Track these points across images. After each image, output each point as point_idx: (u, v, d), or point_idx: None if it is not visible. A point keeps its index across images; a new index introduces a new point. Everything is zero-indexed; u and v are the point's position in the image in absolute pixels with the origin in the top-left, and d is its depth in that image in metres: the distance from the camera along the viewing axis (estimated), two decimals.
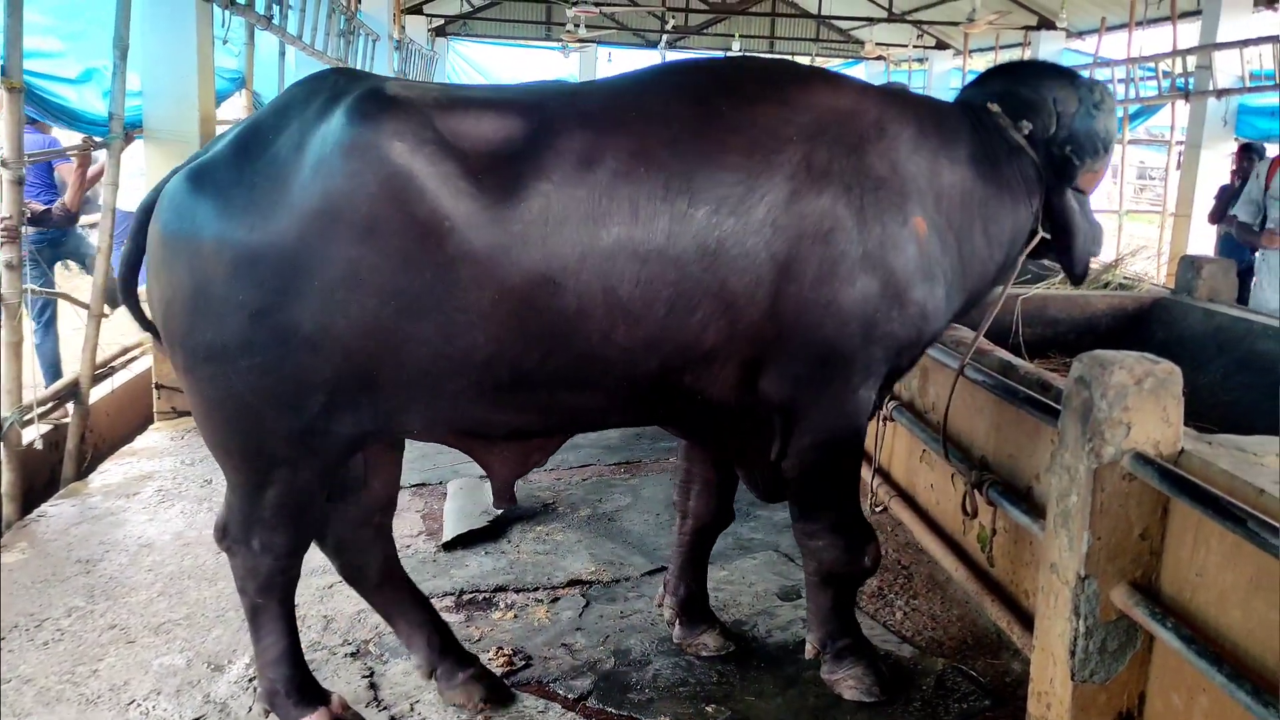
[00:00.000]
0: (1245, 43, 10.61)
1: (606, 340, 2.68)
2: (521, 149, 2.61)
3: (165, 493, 4.99)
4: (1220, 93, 11.02)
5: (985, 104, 3.23)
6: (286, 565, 2.92)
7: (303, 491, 2.81)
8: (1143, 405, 2.58)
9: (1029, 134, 3.18)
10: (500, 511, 4.67)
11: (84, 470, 5.28)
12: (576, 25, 17.20)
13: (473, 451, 3.07)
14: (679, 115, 2.78)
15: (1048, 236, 3.31)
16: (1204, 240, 10.54)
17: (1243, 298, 6.64)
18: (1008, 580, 3.81)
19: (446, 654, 3.22)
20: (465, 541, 4.43)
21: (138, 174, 7.21)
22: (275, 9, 7.78)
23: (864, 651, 3.36)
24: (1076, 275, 3.47)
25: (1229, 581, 2.39)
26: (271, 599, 2.95)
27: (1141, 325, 5.07)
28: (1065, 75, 3.31)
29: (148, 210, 2.72)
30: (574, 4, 15.75)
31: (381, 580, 3.19)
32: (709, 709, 3.25)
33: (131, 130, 5.92)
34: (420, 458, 5.49)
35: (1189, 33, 12.14)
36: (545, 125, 2.66)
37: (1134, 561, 2.65)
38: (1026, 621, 3.41)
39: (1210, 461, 2.48)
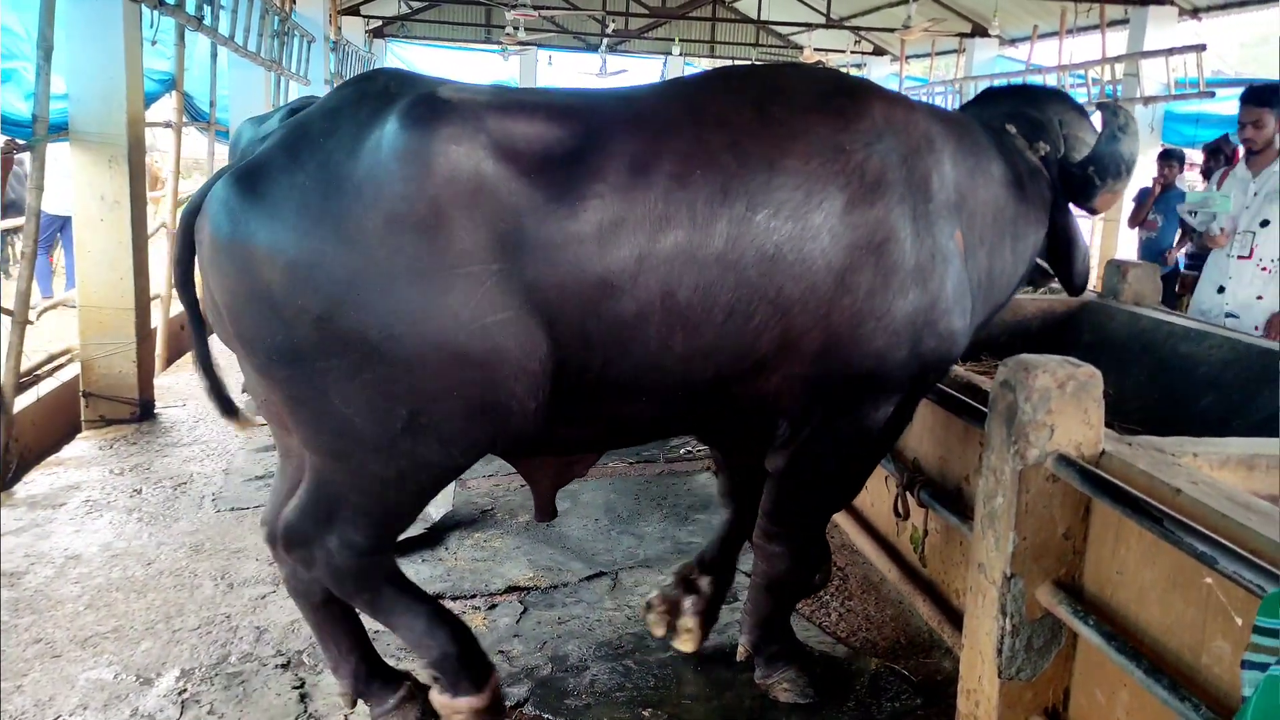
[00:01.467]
0: (1171, 51, 10.89)
1: (665, 348, 2.64)
2: (575, 152, 2.57)
3: (93, 503, 4.89)
4: (1147, 100, 11.30)
5: (1004, 125, 3.29)
6: (372, 562, 2.80)
7: (398, 509, 2.74)
8: (1065, 408, 2.64)
9: (1042, 156, 3.27)
10: (437, 519, 4.64)
11: (8, 480, 5.15)
12: (516, 28, 17.15)
13: (518, 464, 3.04)
14: (735, 120, 2.76)
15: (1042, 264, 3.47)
16: (1133, 244, 10.77)
17: (1168, 301, 6.78)
18: (939, 580, 3.87)
19: (374, 678, 3.09)
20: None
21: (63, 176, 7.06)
22: (206, 9, 7.64)
23: (797, 654, 3.40)
24: (1076, 287, 3.57)
25: (1148, 579, 2.44)
26: (384, 587, 2.85)
27: (1070, 328, 5.17)
28: (1067, 100, 3.42)
29: (192, 213, 2.63)
30: (513, 7, 15.70)
31: (328, 599, 3.03)
32: (646, 713, 3.26)
33: (57, 132, 5.80)
34: None
35: (1117, 41, 12.44)
36: (598, 128, 2.62)
37: (1058, 560, 2.71)
38: (957, 620, 3.46)
39: (1130, 462, 2.54)
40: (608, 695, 3.36)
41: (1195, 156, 10.82)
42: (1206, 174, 9.05)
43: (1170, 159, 9.36)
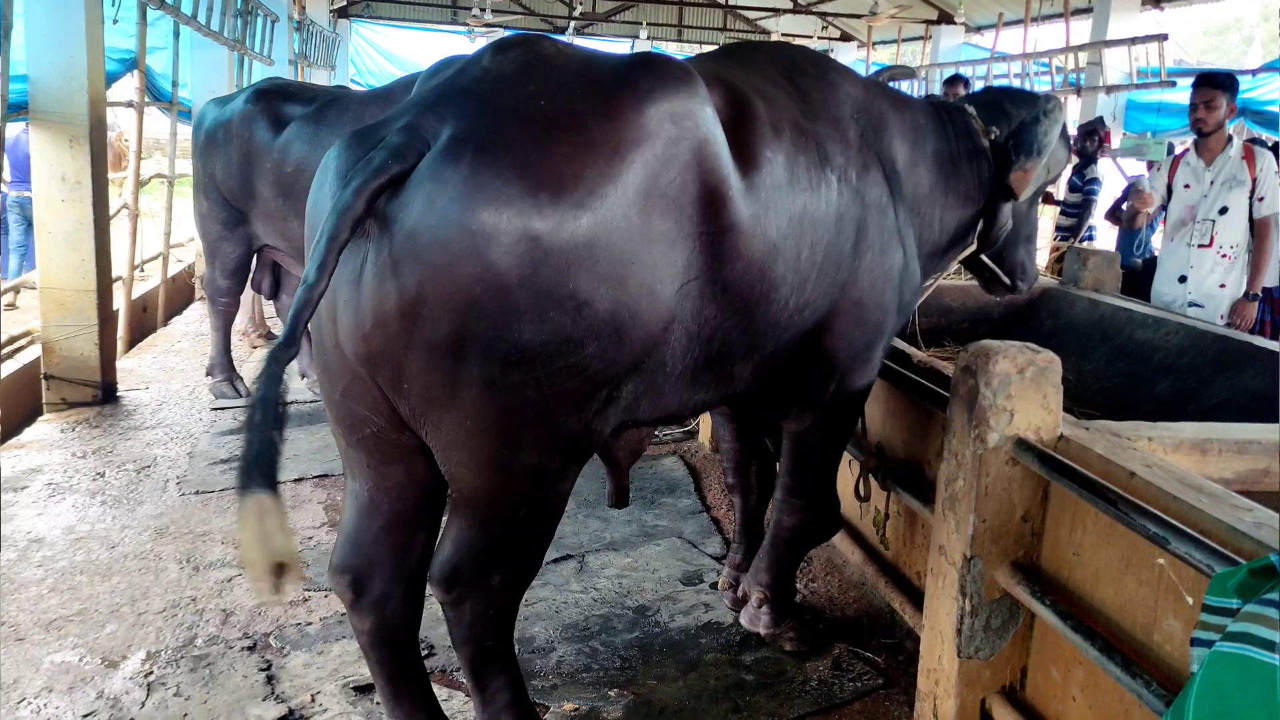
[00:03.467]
0: (1133, 40, 11.01)
1: (785, 305, 2.72)
2: (739, 116, 2.60)
3: (55, 486, 4.85)
4: (1110, 89, 11.43)
5: (962, 105, 3.49)
6: (518, 599, 2.65)
7: (557, 507, 2.58)
8: (1024, 393, 2.69)
9: (993, 139, 3.44)
10: None
11: None
12: (482, 10, 17.05)
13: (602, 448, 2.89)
14: (789, 91, 2.88)
15: (980, 252, 3.67)
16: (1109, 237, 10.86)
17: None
18: (901, 562, 3.92)
19: None
20: None
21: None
22: None
23: (795, 608, 3.62)
24: (1003, 283, 3.83)
25: (1103, 560, 2.50)
26: (504, 640, 2.66)
27: (1032, 314, 5.24)
28: (1044, 104, 3.52)
29: (347, 235, 2.22)
30: None
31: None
32: (612, 693, 3.29)
33: (16, 112, 5.73)
34: (323, 448, 5.43)
35: (1081, 29, 12.55)
36: (736, 94, 2.65)
37: (1016, 542, 2.76)
38: (918, 601, 3.51)
39: (1087, 446, 2.59)
40: (574, 676, 3.39)
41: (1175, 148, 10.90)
42: (1080, 154, 9.16)
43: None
